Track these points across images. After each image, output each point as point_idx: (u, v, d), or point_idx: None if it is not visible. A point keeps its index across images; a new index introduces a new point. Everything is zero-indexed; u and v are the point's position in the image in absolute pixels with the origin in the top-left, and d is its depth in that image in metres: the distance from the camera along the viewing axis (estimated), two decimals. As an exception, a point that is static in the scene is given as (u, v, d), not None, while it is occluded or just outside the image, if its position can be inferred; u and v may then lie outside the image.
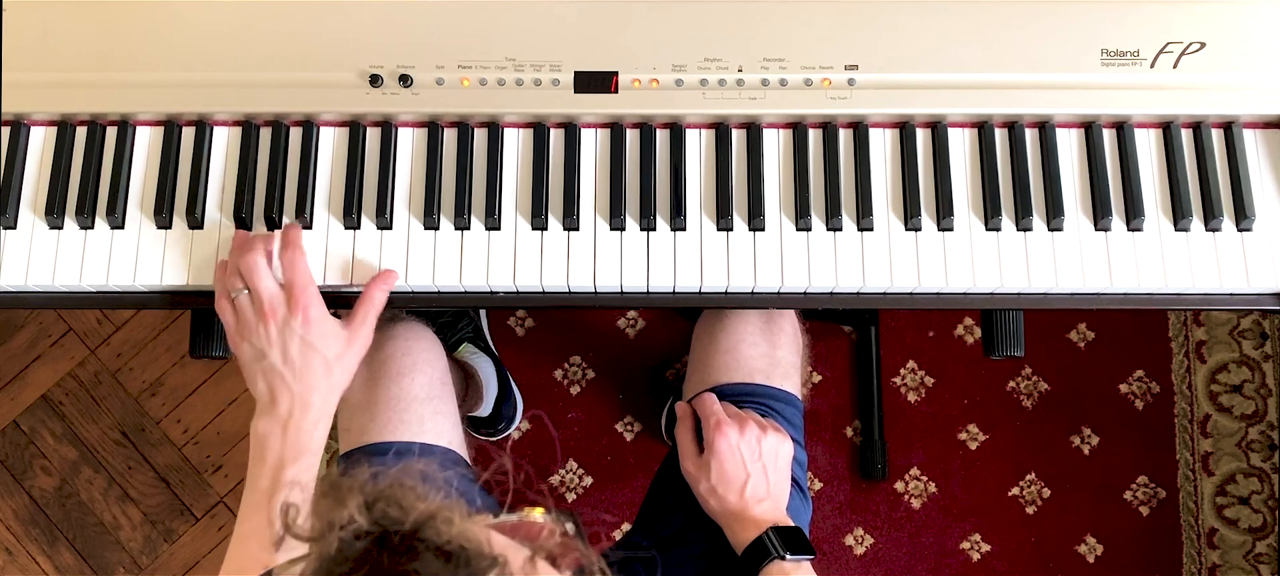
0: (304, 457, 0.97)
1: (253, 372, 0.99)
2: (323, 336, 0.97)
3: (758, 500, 1.07)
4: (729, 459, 1.08)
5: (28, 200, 1.05)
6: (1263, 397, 1.85)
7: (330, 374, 0.98)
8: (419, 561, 0.58)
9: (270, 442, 0.97)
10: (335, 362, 0.98)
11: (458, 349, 1.74)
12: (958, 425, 1.85)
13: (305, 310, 0.96)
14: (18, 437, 1.89)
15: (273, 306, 0.96)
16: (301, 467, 0.96)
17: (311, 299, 0.97)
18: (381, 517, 0.59)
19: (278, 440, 0.97)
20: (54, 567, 1.87)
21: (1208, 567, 1.82)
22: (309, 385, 0.97)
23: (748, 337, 1.22)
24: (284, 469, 0.96)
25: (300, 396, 0.97)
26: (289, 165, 1.05)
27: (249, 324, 0.97)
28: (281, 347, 0.96)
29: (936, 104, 1.04)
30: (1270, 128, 1.07)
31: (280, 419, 0.97)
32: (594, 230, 1.04)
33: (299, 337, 0.96)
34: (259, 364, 0.97)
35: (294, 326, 0.96)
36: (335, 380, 0.99)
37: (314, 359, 0.97)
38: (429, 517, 0.60)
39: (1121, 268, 1.03)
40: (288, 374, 0.97)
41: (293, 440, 0.96)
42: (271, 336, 0.96)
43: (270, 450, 0.97)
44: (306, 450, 0.97)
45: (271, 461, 0.96)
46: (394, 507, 0.60)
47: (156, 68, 1.04)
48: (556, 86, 1.04)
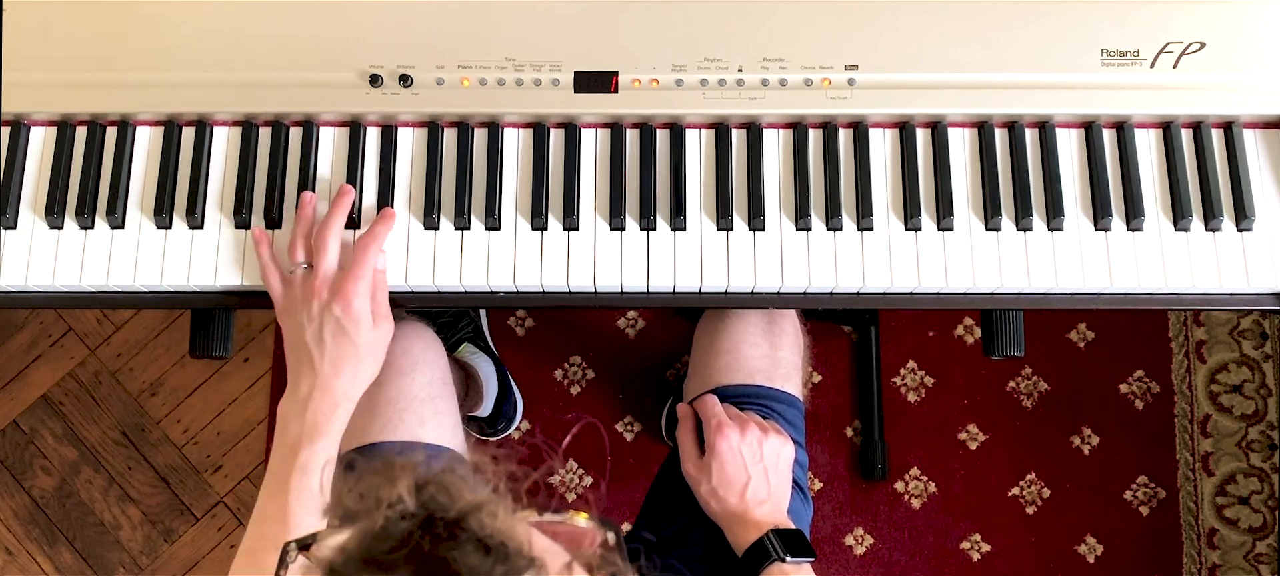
0: (319, 440, 0.96)
1: (290, 348, 1.00)
2: (357, 325, 0.98)
3: (758, 502, 1.07)
4: (730, 461, 1.08)
5: (28, 200, 1.05)
6: (1263, 397, 1.85)
7: (360, 361, 0.99)
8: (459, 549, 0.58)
9: (289, 424, 0.98)
10: (366, 352, 0.99)
11: (458, 349, 1.74)
12: (958, 425, 1.85)
13: (349, 299, 0.97)
14: (18, 437, 1.89)
15: (323, 286, 0.98)
16: (316, 450, 0.96)
17: (360, 289, 0.98)
18: (429, 501, 0.60)
19: (296, 420, 0.97)
20: (54, 567, 1.87)
21: (1208, 567, 1.82)
22: (335, 368, 0.97)
23: (749, 338, 1.22)
24: (299, 450, 0.96)
25: (323, 379, 0.97)
26: (289, 165, 1.05)
27: (298, 298, 0.99)
28: (318, 327, 0.98)
29: (936, 104, 1.04)
30: (1270, 128, 1.07)
31: (300, 400, 0.98)
32: (594, 230, 1.04)
33: (336, 320, 0.97)
34: (299, 339, 0.99)
35: (334, 310, 0.97)
36: (364, 369, 1.00)
37: (345, 344, 0.98)
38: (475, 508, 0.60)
39: (1121, 268, 1.03)
40: (317, 354, 0.97)
41: (310, 421, 0.97)
42: (313, 313, 0.98)
43: (289, 430, 0.97)
44: (322, 432, 0.97)
45: (289, 441, 0.97)
46: (443, 493, 0.60)
47: (156, 68, 1.04)
48: (556, 86, 1.04)
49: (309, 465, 0.96)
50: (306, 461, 0.96)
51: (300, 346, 0.98)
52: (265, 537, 0.95)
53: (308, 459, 0.96)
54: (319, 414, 0.97)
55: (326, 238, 0.99)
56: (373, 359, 1.00)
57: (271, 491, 0.97)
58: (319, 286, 0.98)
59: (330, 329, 0.97)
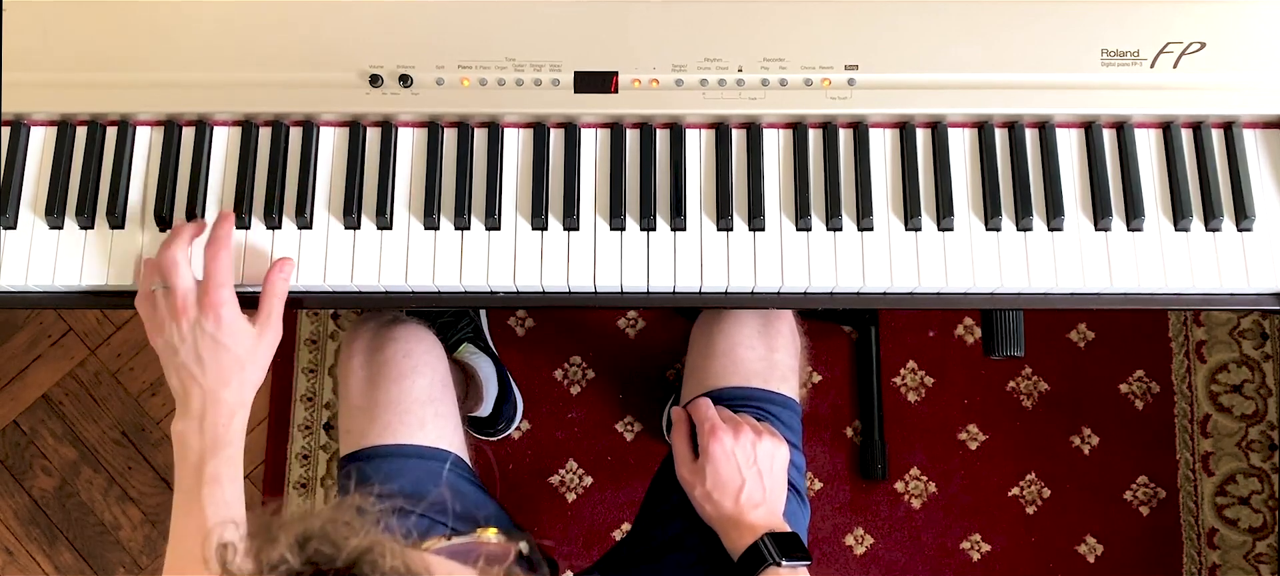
0: (223, 450, 0.96)
1: (168, 369, 0.99)
2: (233, 334, 0.97)
3: (753, 505, 1.07)
4: (724, 464, 1.07)
5: (28, 200, 1.05)
6: (1263, 397, 1.85)
7: (242, 370, 0.98)
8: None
9: (188, 440, 0.97)
10: (246, 358, 0.98)
11: (458, 349, 1.74)
12: (958, 425, 1.85)
13: (217, 310, 0.96)
14: (18, 437, 1.89)
15: (185, 304, 0.96)
16: (221, 460, 0.96)
17: (224, 299, 0.97)
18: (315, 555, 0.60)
19: (195, 437, 0.97)
20: (54, 567, 1.87)
21: (1208, 567, 1.82)
22: (220, 380, 0.97)
23: (745, 341, 1.22)
24: (205, 464, 0.96)
25: (211, 392, 0.97)
26: (289, 165, 1.05)
27: (163, 320, 0.97)
28: (192, 345, 0.96)
29: (936, 104, 1.04)
30: (1270, 128, 1.07)
31: (195, 416, 0.97)
32: (594, 230, 1.04)
33: (209, 336, 0.96)
34: (172, 360, 0.98)
35: (205, 325, 0.96)
36: (248, 376, 0.99)
37: (224, 356, 0.97)
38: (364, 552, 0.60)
39: (1121, 268, 1.03)
40: (197, 371, 0.97)
41: (210, 435, 0.96)
42: (183, 333, 0.97)
43: (190, 448, 0.97)
44: (225, 443, 0.97)
45: (192, 460, 0.96)
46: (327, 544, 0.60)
47: (156, 68, 1.04)
48: (556, 86, 1.04)
49: (219, 475, 0.96)
50: (216, 472, 0.96)
51: (180, 366, 0.97)
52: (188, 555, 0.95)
53: (216, 470, 0.96)
54: (217, 425, 0.96)
55: (171, 254, 0.97)
56: (257, 364, 0.99)
57: (184, 510, 0.96)
58: (181, 304, 0.96)
59: (205, 344, 0.96)
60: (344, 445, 1.20)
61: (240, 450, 0.98)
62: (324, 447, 1.87)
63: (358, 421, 1.18)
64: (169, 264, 0.97)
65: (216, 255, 0.98)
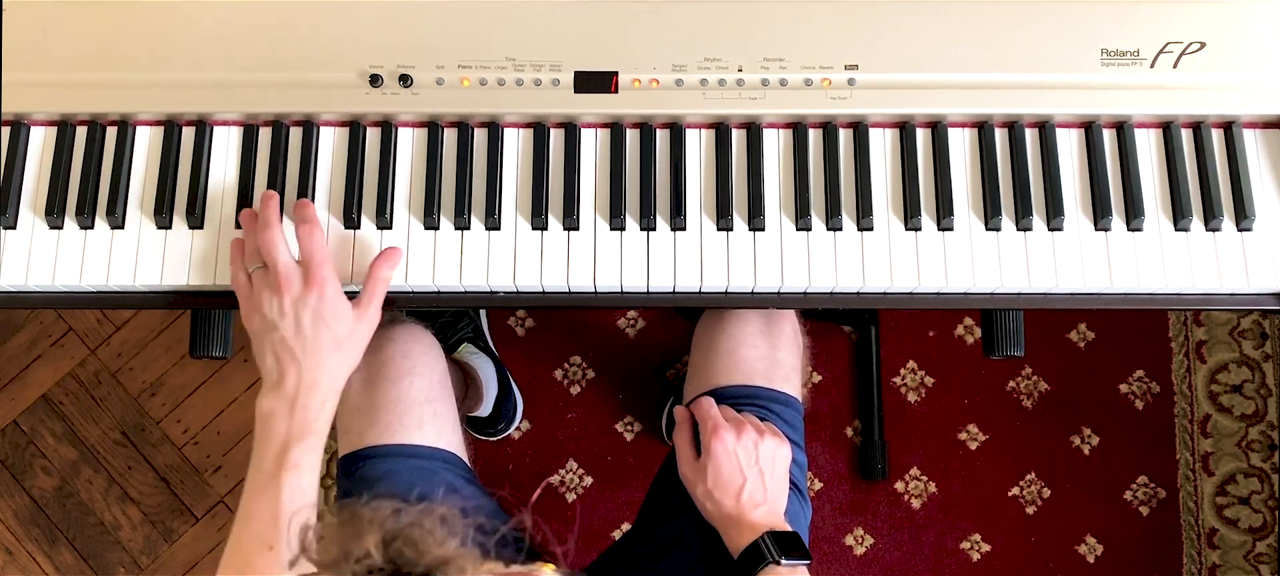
0: (309, 437, 0.95)
1: (262, 346, 0.97)
2: (335, 312, 0.96)
3: (754, 504, 1.07)
4: (725, 463, 1.07)
5: (28, 200, 1.05)
6: (1263, 397, 1.85)
7: (340, 351, 0.97)
8: None
9: (276, 421, 0.95)
10: (346, 340, 0.97)
11: (458, 349, 1.74)
12: (958, 425, 1.85)
13: (321, 285, 0.95)
14: (18, 437, 1.89)
15: (288, 279, 0.95)
16: (306, 448, 0.94)
17: (328, 275, 0.96)
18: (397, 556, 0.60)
19: (283, 419, 0.95)
20: (54, 567, 1.87)
21: (1208, 567, 1.82)
22: (318, 360, 0.95)
23: (748, 340, 1.22)
24: (289, 449, 0.94)
25: (309, 372, 0.95)
26: (289, 165, 1.05)
27: (262, 295, 0.96)
28: (294, 320, 0.95)
29: (936, 104, 1.04)
30: (1270, 128, 1.07)
31: (287, 396, 0.95)
32: (594, 230, 1.04)
33: (312, 310, 0.95)
34: (269, 336, 0.96)
35: (309, 300, 0.95)
36: (344, 359, 0.98)
37: (324, 334, 0.96)
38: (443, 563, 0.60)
39: (1121, 268, 1.03)
40: (298, 348, 0.95)
41: (299, 419, 0.95)
42: (284, 308, 0.95)
43: (276, 430, 0.95)
44: (312, 430, 0.95)
45: (277, 441, 0.95)
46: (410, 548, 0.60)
47: (156, 68, 1.04)
48: (556, 86, 1.04)
49: (301, 463, 0.94)
50: (298, 459, 0.94)
51: (278, 341, 0.96)
52: (256, 538, 0.93)
53: (299, 456, 0.94)
54: (308, 410, 0.95)
55: (272, 233, 0.97)
56: (354, 347, 0.98)
57: (259, 489, 0.95)
58: (284, 279, 0.95)
59: (307, 317, 0.95)
60: (343, 445, 1.20)
61: (323, 441, 0.96)
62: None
63: (356, 421, 1.18)
64: (269, 243, 0.96)
65: (312, 233, 0.97)
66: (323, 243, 0.98)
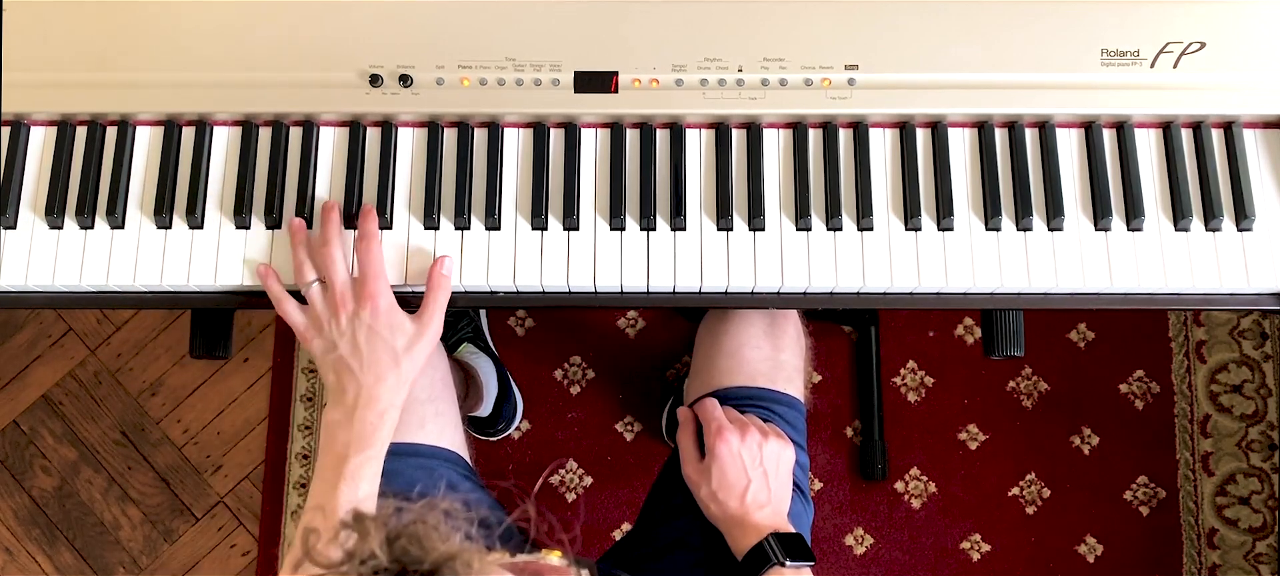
0: (367, 449, 0.97)
1: (324, 365, 1.00)
2: (391, 327, 0.98)
3: (758, 506, 1.07)
4: (730, 464, 1.08)
5: (28, 200, 1.05)
6: (1263, 397, 1.85)
7: (398, 365, 0.98)
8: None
9: (337, 432, 0.98)
10: (403, 353, 0.98)
11: (458, 349, 1.74)
12: (958, 425, 1.85)
13: (374, 300, 0.97)
14: (18, 437, 1.89)
15: (344, 298, 0.98)
16: (364, 459, 0.97)
17: (381, 289, 0.98)
18: (402, 554, 0.60)
19: (344, 430, 0.97)
20: (54, 567, 1.87)
21: (1208, 567, 1.82)
22: (376, 375, 0.97)
23: (751, 341, 1.22)
24: (347, 459, 0.96)
25: (367, 387, 0.97)
26: (289, 165, 1.05)
27: (320, 317, 0.99)
28: (351, 338, 0.98)
29: (936, 104, 1.04)
30: (1270, 128, 1.07)
31: (347, 409, 0.98)
32: (594, 230, 1.04)
33: (367, 327, 0.97)
34: (329, 355, 0.99)
35: (363, 317, 0.97)
36: (404, 372, 0.99)
37: (381, 349, 0.97)
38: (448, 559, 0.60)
39: (1121, 268, 1.03)
40: (355, 365, 0.97)
41: (357, 431, 0.97)
42: (342, 327, 0.98)
43: (337, 440, 0.98)
44: (371, 442, 0.97)
45: (337, 450, 0.97)
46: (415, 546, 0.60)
47: (156, 68, 1.04)
48: (556, 86, 1.04)
49: (357, 474, 0.96)
50: (356, 470, 0.96)
51: (338, 360, 0.98)
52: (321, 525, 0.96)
53: (356, 468, 0.96)
54: (365, 423, 0.97)
55: (331, 251, 0.99)
56: (413, 360, 1.00)
57: (320, 497, 0.97)
58: (340, 298, 0.98)
59: (363, 335, 0.97)
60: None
61: (382, 452, 0.98)
62: (324, 447, 1.87)
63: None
64: (329, 260, 0.98)
65: (370, 249, 0.99)
66: (378, 256, 0.99)
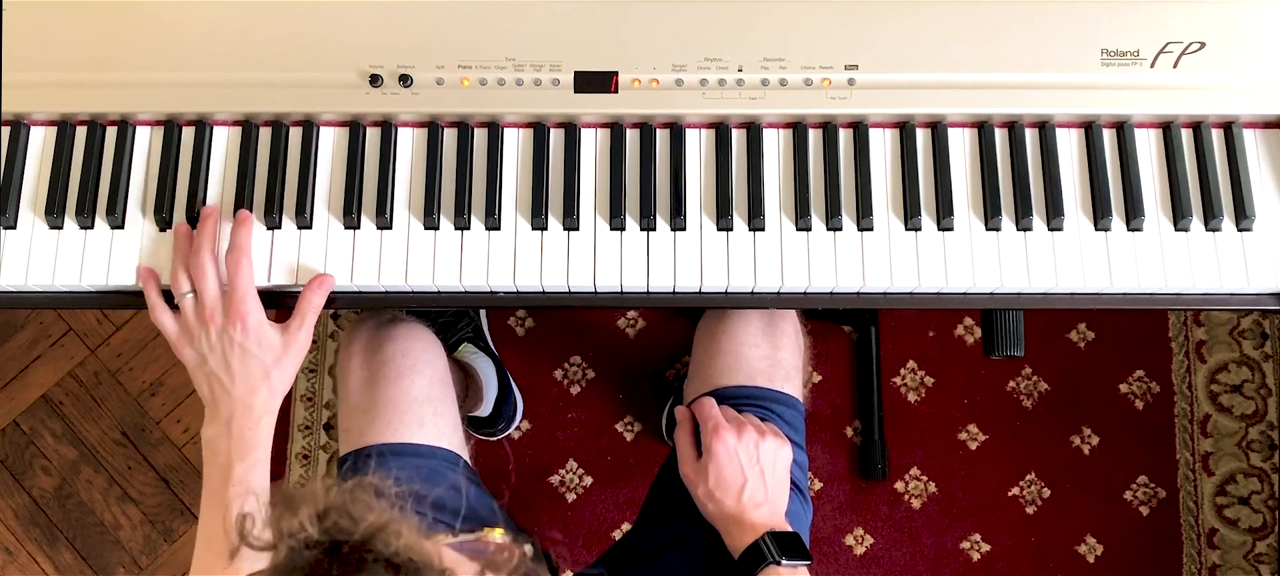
0: (251, 453, 0.98)
1: (197, 377, 1.01)
2: (260, 343, 0.99)
3: (755, 504, 1.07)
4: (727, 463, 1.08)
5: (28, 200, 1.05)
6: (1263, 397, 1.85)
7: (269, 378, 0.99)
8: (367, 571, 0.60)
9: (217, 445, 0.99)
10: (273, 367, 1.00)
11: (458, 349, 1.74)
12: (958, 425, 1.85)
13: (243, 318, 0.98)
14: (18, 437, 1.89)
15: (212, 312, 0.98)
16: (249, 464, 0.98)
17: (250, 307, 0.98)
18: (332, 527, 0.61)
19: (223, 441, 0.99)
20: (54, 567, 1.87)
21: (1208, 567, 1.82)
22: (249, 387, 0.99)
23: (749, 339, 1.22)
24: (232, 467, 0.98)
25: (241, 399, 0.99)
26: (289, 165, 1.05)
27: (191, 329, 0.99)
28: (221, 353, 0.99)
29: (936, 104, 1.04)
30: (1270, 128, 1.07)
31: (223, 421, 0.99)
32: (594, 230, 1.04)
33: (237, 344, 0.98)
34: (202, 368, 1.00)
35: (232, 333, 0.98)
36: (275, 383, 1.00)
37: (252, 364, 0.99)
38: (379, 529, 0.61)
39: (1121, 268, 1.03)
40: (226, 379, 0.99)
41: (237, 439, 0.98)
42: (212, 341, 0.99)
43: (218, 452, 0.99)
44: (253, 446, 0.99)
45: (221, 462, 0.99)
46: (345, 518, 0.61)
47: (156, 68, 1.04)
48: (556, 86, 1.04)
49: (245, 477, 0.98)
50: (243, 475, 0.98)
51: (209, 374, 0.99)
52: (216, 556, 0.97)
53: (243, 473, 0.98)
54: (244, 430, 0.99)
55: (201, 260, 0.98)
56: (283, 372, 1.00)
57: (210, 508, 0.99)
58: (209, 313, 0.98)
59: (234, 353, 0.98)
60: (343, 444, 1.20)
61: (267, 453, 1.00)
62: (324, 447, 1.87)
63: (357, 421, 1.18)
64: (199, 269, 0.98)
65: (238, 262, 0.99)
66: (247, 271, 0.99)
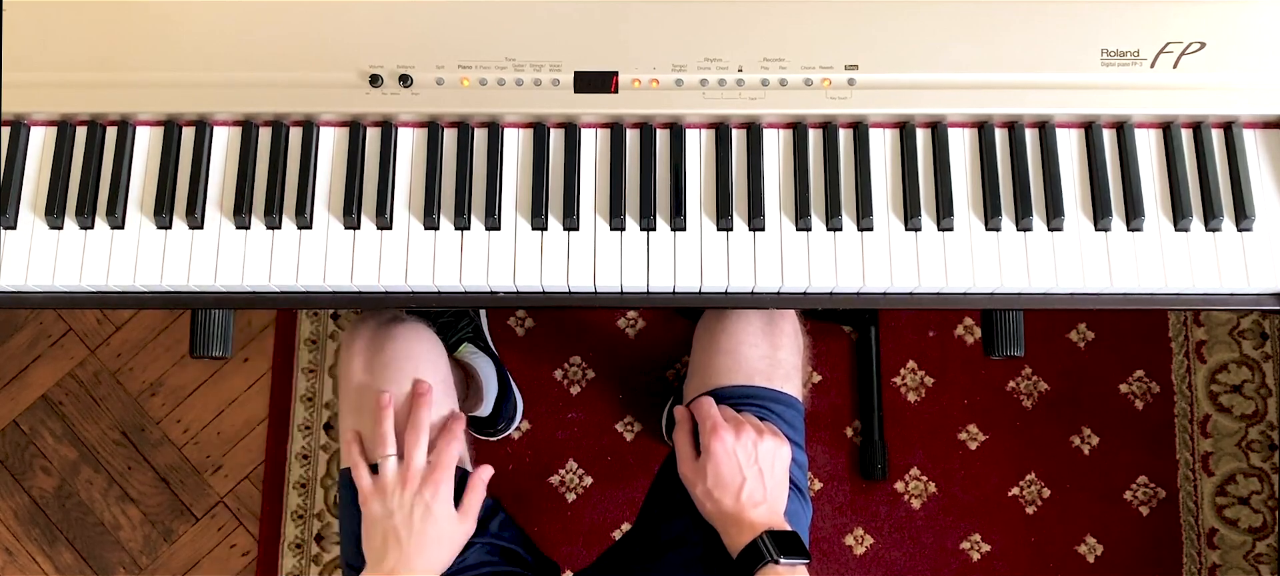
0: None
1: (373, 529, 1.09)
2: (444, 512, 1.09)
3: (754, 504, 1.07)
4: (725, 462, 1.08)
5: (28, 200, 1.05)
6: (1263, 397, 1.85)
7: (438, 545, 1.08)
8: None
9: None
10: (445, 538, 1.09)
11: (458, 349, 1.74)
12: (958, 425, 1.85)
13: (437, 487, 1.09)
14: (18, 437, 1.89)
15: (414, 476, 1.09)
16: None
17: (446, 480, 1.10)
18: None
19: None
20: (54, 567, 1.87)
21: (1208, 567, 1.82)
22: (419, 547, 1.07)
23: (748, 339, 1.22)
24: None
25: (407, 554, 1.07)
26: (289, 165, 1.05)
27: (387, 487, 1.09)
28: (408, 510, 1.08)
29: (936, 104, 1.04)
30: (1270, 128, 1.07)
31: (385, 570, 1.07)
32: (594, 230, 1.04)
33: (426, 505, 1.08)
34: (384, 522, 1.08)
35: (425, 496, 1.08)
36: (440, 553, 1.09)
37: (430, 527, 1.08)
38: None
39: (1121, 268, 1.03)
40: (403, 534, 1.07)
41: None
42: (403, 499, 1.09)
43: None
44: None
45: None
46: None
47: (156, 68, 1.04)
48: (556, 86, 1.04)
49: None
50: None
51: (387, 528, 1.08)
52: None
53: None
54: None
55: (419, 437, 1.11)
56: (450, 545, 1.10)
57: None
58: (410, 477, 1.09)
59: (419, 512, 1.08)
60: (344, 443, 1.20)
61: None
62: (324, 447, 1.87)
63: (358, 421, 1.18)
64: (415, 442, 1.10)
65: (449, 443, 1.12)
66: (455, 453, 1.11)
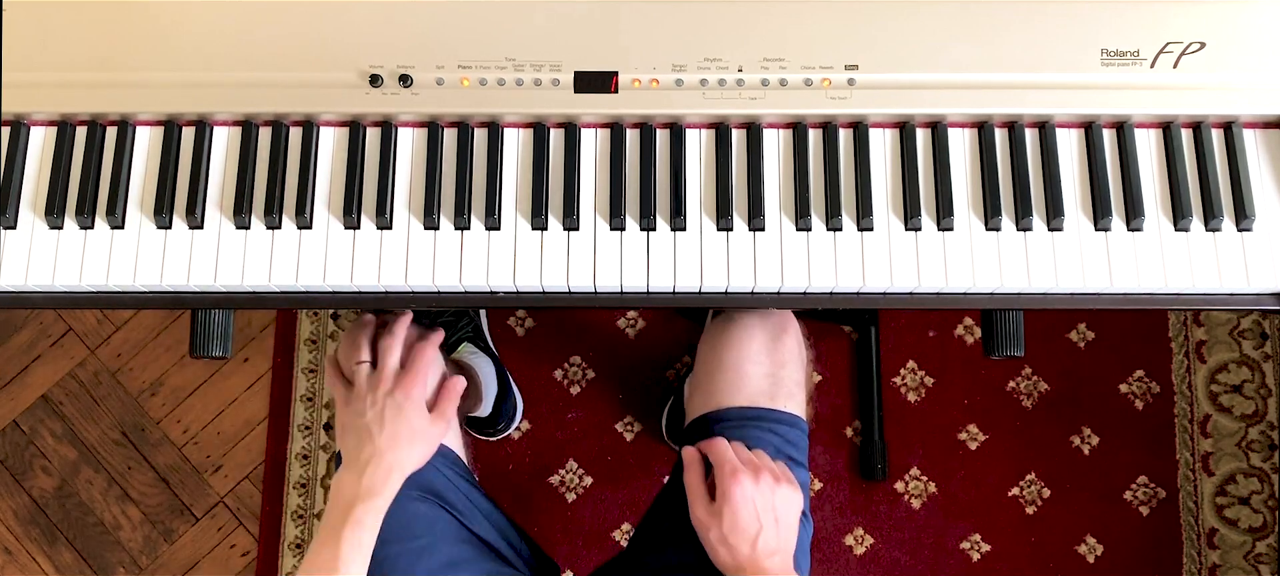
0: (373, 499, 1.06)
1: (347, 431, 1.11)
2: (416, 409, 1.11)
3: (769, 553, 1.04)
4: (743, 508, 1.04)
5: (28, 200, 1.05)
6: (1263, 397, 1.85)
7: (412, 442, 1.09)
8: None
9: (345, 487, 1.07)
10: (418, 435, 1.10)
11: (458, 349, 1.74)
12: (958, 425, 1.85)
13: (409, 389, 1.11)
14: (18, 437, 1.89)
15: (385, 378, 1.11)
16: (368, 507, 1.06)
17: (419, 382, 1.12)
18: None
19: (352, 484, 1.07)
20: (54, 567, 1.87)
21: (1208, 567, 1.82)
22: (392, 441, 1.08)
23: (752, 356, 1.20)
24: (353, 507, 1.05)
25: (380, 448, 1.08)
26: (289, 165, 1.05)
27: (361, 393, 1.11)
28: (380, 410, 1.10)
29: (936, 104, 1.04)
30: (1270, 128, 1.07)
31: (359, 466, 1.08)
32: (594, 230, 1.04)
33: (397, 404, 1.10)
34: (356, 422, 1.10)
35: (397, 397, 1.10)
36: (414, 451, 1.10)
37: (402, 425, 1.09)
38: None
39: (1121, 268, 1.03)
40: (375, 430, 1.09)
41: (366, 484, 1.07)
42: (376, 399, 1.10)
43: (344, 493, 1.07)
44: (377, 494, 1.07)
45: (344, 501, 1.06)
46: None
47: (156, 68, 1.04)
48: (556, 86, 1.04)
49: (363, 520, 1.05)
50: (361, 516, 1.05)
51: (360, 427, 1.09)
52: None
53: (362, 514, 1.05)
54: (375, 478, 1.07)
55: (394, 343, 1.13)
56: (425, 442, 1.11)
57: (323, 541, 1.05)
58: (383, 378, 1.11)
59: (390, 411, 1.09)
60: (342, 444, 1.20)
61: (386, 505, 1.08)
62: (324, 447, 1.87)
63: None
64: (389, 348, 1.13)
65: (426, 351, 1.14)
66: (429, 360, 1.14)
